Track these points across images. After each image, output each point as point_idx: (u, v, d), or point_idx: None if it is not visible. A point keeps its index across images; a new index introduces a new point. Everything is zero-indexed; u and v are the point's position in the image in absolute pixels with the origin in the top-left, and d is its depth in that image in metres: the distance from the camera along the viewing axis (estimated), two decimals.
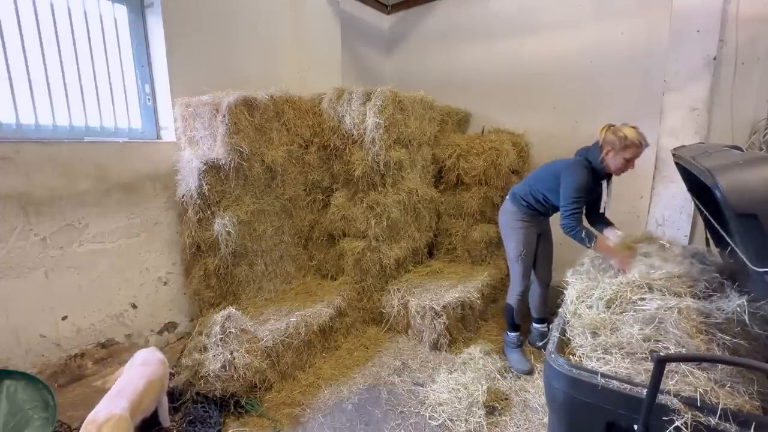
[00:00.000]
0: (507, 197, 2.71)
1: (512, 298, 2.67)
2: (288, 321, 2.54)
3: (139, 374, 1.85)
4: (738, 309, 1.42)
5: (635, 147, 2.17)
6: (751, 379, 1.27)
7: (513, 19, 4.06)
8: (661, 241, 2.19)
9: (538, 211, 2.57)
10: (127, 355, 2.68)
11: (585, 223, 2.33)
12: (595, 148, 2.29)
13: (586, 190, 2.26)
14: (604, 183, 2.37)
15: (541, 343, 2.75)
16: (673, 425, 1.13)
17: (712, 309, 1.48)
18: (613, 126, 2.24)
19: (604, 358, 1.41)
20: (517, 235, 2.58)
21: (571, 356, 1.50)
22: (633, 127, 2.19)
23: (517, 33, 4.06)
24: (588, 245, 2.20)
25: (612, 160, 2.22)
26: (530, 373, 2.55)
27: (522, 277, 2.62)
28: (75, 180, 2.38)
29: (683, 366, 1.32)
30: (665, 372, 1.22)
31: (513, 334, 2.70)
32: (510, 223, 2.62)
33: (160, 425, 2.00)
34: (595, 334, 1.53)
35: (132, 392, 1.74)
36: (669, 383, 1.26)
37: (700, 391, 1.21)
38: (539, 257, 2.74)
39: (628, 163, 2.22)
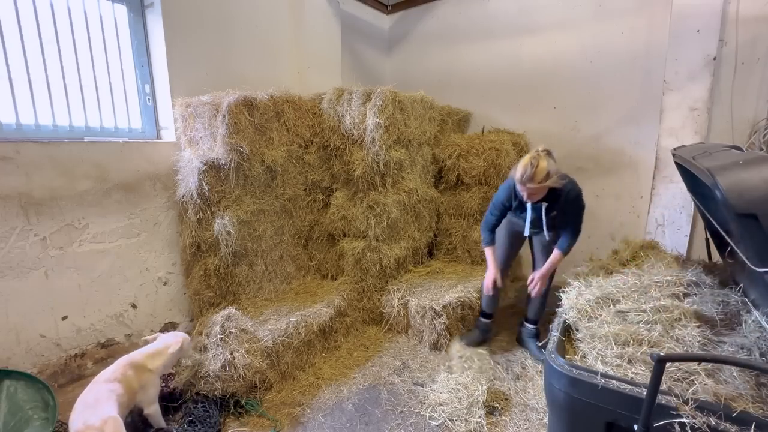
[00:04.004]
0: None
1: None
2: (288, 321, 2.53)
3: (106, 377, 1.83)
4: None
5: (516, 180, 2.22)
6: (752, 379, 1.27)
7: (513, 19, 4.06)
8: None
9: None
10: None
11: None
12: None
13: (500, 205, 2.49)
14: (528, 206, 2.38)
15: (540, 344, 2.74)
16: (674, 425, 1.13)
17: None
18: (537, 153, 2.17)
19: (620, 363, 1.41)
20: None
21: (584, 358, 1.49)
22: (533, 157, 2.14)
23: (517, 33, 4.06)
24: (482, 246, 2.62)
25: None
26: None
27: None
28: (75, 180, 2.38)
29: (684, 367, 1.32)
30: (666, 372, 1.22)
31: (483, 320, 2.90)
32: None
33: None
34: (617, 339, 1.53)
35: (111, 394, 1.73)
36: (672, 383, 1.26)
37: (700, 391, 1.21)
38: (536, 261, 2.70)
39: (525, 195, 2.25)
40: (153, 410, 1.92)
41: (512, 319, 3.19)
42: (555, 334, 1.66)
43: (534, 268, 2.70)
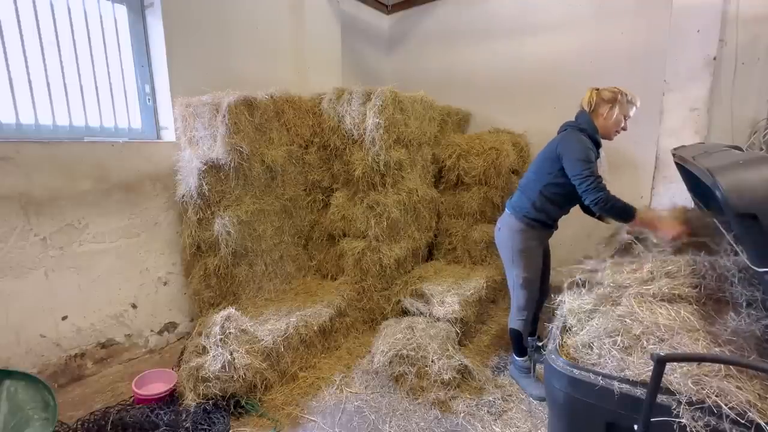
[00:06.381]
0: (508, 212, 2.36)
1: (517, 322, 2.37)
2: (288, 321, 2.53)
3: None
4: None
5: (634, 105, 2.16)
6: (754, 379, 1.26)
7: (513, 19, 4.06)
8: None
9: (547, 223, 2.27)
10: (127, 355, 2.70)
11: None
12: (583, 115, 2.19)
13: (592, 152, 2.05)
14: (602, 152, 2.24)
15: (541, 358, 2.49)
16: (674, 425, 1.13)
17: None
18: (598, 88, 2.19)
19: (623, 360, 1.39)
20: (522, 259, 2.27)
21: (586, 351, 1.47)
22: (611, 87, 2.18)
23: (517, 33, 4.05)
24: (629, 219, 1.92)
25: (610, 121, 2.15)
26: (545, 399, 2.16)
27: (528, 302, 2.34)
28: (75, 180, 2.38)
29: (686, 367, 1.31)
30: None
31: (521, 359, 2.44)
32: (515, 245, 2.28)
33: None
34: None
35: None
36: (673, 381, 1.26)
37: (700, 391, 1.21)
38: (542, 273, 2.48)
39: (626, 122, 2.18)
40: None
41: None
42: (555, 334, 1.66)
43: (546, 272, 2.52)
